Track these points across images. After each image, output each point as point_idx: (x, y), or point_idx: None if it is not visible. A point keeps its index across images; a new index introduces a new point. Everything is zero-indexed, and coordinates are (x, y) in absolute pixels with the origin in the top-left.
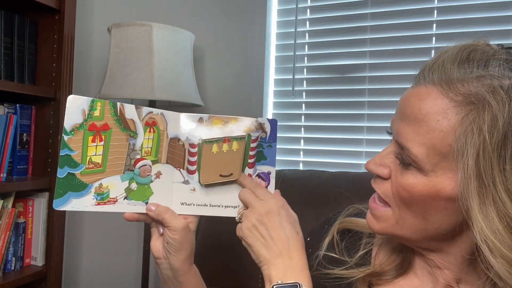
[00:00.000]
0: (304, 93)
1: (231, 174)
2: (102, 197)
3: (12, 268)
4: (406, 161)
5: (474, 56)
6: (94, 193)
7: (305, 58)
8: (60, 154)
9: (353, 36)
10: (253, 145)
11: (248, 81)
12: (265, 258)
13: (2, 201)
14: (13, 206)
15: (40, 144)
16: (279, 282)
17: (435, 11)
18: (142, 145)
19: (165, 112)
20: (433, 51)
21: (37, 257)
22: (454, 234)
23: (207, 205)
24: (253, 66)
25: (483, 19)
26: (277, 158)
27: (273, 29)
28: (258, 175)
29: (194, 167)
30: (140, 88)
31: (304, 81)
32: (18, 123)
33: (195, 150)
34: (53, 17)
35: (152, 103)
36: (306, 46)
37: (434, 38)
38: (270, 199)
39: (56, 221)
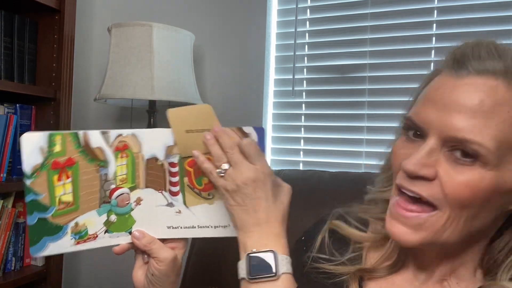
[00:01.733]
0: (304, 93)
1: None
2: (81, 235)
3: (12, 268)
4: (469, 157)
5: (504, 49)
6: (71, 233)
7: (305, 58)
8: (26, 201)
9: (353, 36)
10: None
11: (248, 81)
12: (242, 224)
13: (2, 201)
14: (13, 206)
15: None
16: (254, 250)
17: (435, 11)
18: (115, 173)
19: (137, 131)
20: (433, 51)
21: (37, 257)
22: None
23: (195, 227)
24: (253, 66)
25: (483, 19)
26: (277, 158)
27: (273, 29)
28: None
29: (177, 188)
30: (140, 88)
31: (304, 81)
32: (18, 123)
33: (176, 169)
34: (53, 17)
35: (152, 103)
36: (306, 46)
37: (434, 38)
38: (259, 166)
39: None
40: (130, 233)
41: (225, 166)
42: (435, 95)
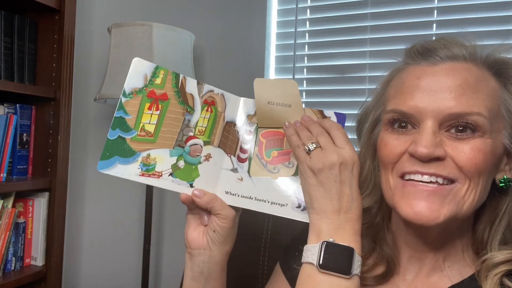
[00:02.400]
0: (304, 93)
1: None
2: (148, 168)
3: (12, 268)
4: (471, 128)
5: (467, 43)
6: (141, 162)
7: (305, 58)
8: (115, 116)
9: (353, 36)
10: None
11: (248, 81)
12: (320, 207)
13: (2, 201)
14: (13, 206)
15: (40, 144)
16: (332, 240)
17: (435, 11)
18: (197, 123)
19: (226, 93)
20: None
21: (37, 257)
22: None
23: (252, 198)
24: (253, 66)
25: (483, 19)
26: None
27: (273, 29)
28: None
29: (246, 155)
30: None
31: (304, 81)
32: (18, 123)
33: (250, 137)
34: (53, 17)
35: None
36: (306, 46)
37: (434, 38)
38: (348, 151)
39: (56, 221)
40: (191, 185)
41: (313, 145)
42: (417, 84)
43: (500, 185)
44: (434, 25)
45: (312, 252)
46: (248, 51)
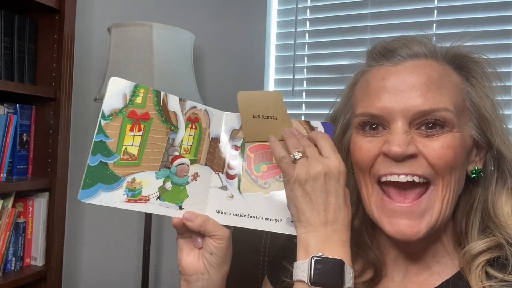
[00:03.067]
0: (304, 93)
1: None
2: (134, 193)
3: (12, 268)
4: (437, 125)
5: (421, 37)
6: (126, 188)
7: (305, 58)
8: (94, 140)
9: (353, 36)
10: None
11: (248, 81)
12: (307, 219)
13: (2, 201)
14: (13, 206)
15: (40, 144)
16: (320, 254)
17: (435, 11)
18: (182, 141)
19: (209, 109)
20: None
21: (37, 257)
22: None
23: (245, 216)
24: (253, 66)
25: (483, 19)
26: None
27: (273, 29)
28: None
29: (234, 172)
30: None
31: (304, 81)
32: (18, 123)
33: (237, 153)
34: (53, 17)
35: None
36: (306, 46)
37: (434, 38)
38: (334, 160)
39: (56, 221)
40: (180, 207)
41: (298, 154)
42: (383, 85)
43: (472, 176)
44: (434, 25)
45: (302, 269)
46: (248, 51)
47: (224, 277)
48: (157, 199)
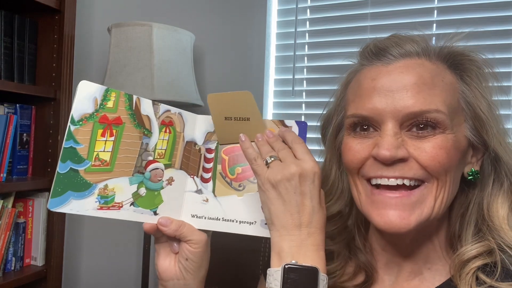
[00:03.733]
0: (304, 93)
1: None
2: (106, 200)
3: (12, 268)
4: (429, 127)
5: (414, 36)
6: (98, 195)
7: (305, 58)
8: (64, 146)
9: (353, 36)
10: None
11: (248, 81)
12: (280, 222)
13: (2, 201)
14: (13, 206)
15: (40, 144)
16: (293, 262)
17: (435, 11)
18: (155, 145)
19: (184, 112)
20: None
21: (37, 257)
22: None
23: (219, 219)
24: (253, 66)
25: (483, 19)
26: None
27: (273, 29)
28: None
29: (209, 175)
30: (140, 88)
31: (304, 81)
32: (18, 123)
33: (212, 155)
34: (53, 17)
35: None
36: (306, 46)
37: (434, 38)
38: (308, 161)
39: (56, 221)
40: (155, 212)
41: (272, 158)
42: (373, 86)
43: (469, 178)
44: (434, 25)
45: (274, 277)
46: (248, 51)
47: (202, 282)
48: (130, 205)
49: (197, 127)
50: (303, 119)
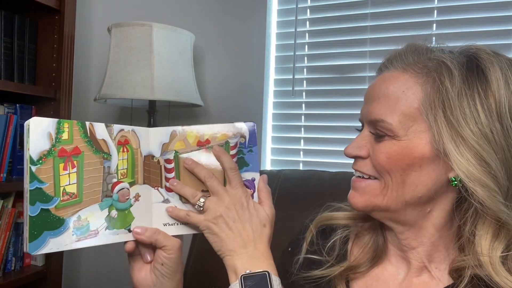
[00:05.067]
0: (304, 93)
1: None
2: (82, 231)
3: (12, 268)
4: (381, 133)
5: (420, 48)
6: (73, 228)
7: (305, 58)
8: (29, 189)
9: (353, 36)
10: (232, 152)
11: (248, 81)
12: (228, 249)
13: (2, 201)
14: (13, 206)
15: None
16: (248, 271)
17: (435, 11)
18: (117, 167)
19: (136, 128)
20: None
21: (37, 257)
22: (429, 200)
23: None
24: (253, 66)
25: (483, 19)
26: (277, 158)
27: (273, 29)
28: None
29: None
30: (140, 88)
31: (304, 81)
32: (18, 123)
33: (172, 165)
34: (53, 17)
35: (152, 103)
36: (306, 46)
37: (434, 38)
38: (239, 189)
39: None
40: (129, 230)
41: (201, 200)
42: (365, 95)
43: (453, 183)
44: (434, 25)
45: None
46: (248, 51)
47: (179, 283)
48: (106, 229)
49: (151, 140)
50: (303, 119)
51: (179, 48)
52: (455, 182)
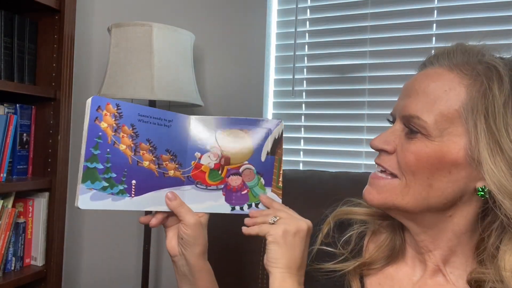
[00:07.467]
0: (304, 93)
1: None
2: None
3: (12, 268)
4: (414, 130)
5: (471, 49)
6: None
7: (305, 58)
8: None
9: (353, 36)
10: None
11: (248, 81)
12: (284, 264)
13: (2, 201)
14: (13, 206)
15: (40, 144)
16: None
17: (435, 11)
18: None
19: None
20: (433, 51)
21: (37, 257)
22: (451, 205)
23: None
24: (253, 66)
25: (483, 19)
26: None
27: (273, 29)
28: None
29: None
30: (140, 88)
31: (304, 81)
32: (18, 123)
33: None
34: (53, 17)
35: (152, 103)
36: (306, 46)
37: (434, 38)
38: (301, 220)
39: (56, 221)
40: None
41: (275, 218)
42: (403, 88)
43: (479, 193)
44: (434, 25)
45: None
46: (248, 51)
47: (199, 257)
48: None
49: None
50: (303, 119)
51: (179, 48)
52: (481, 193)
